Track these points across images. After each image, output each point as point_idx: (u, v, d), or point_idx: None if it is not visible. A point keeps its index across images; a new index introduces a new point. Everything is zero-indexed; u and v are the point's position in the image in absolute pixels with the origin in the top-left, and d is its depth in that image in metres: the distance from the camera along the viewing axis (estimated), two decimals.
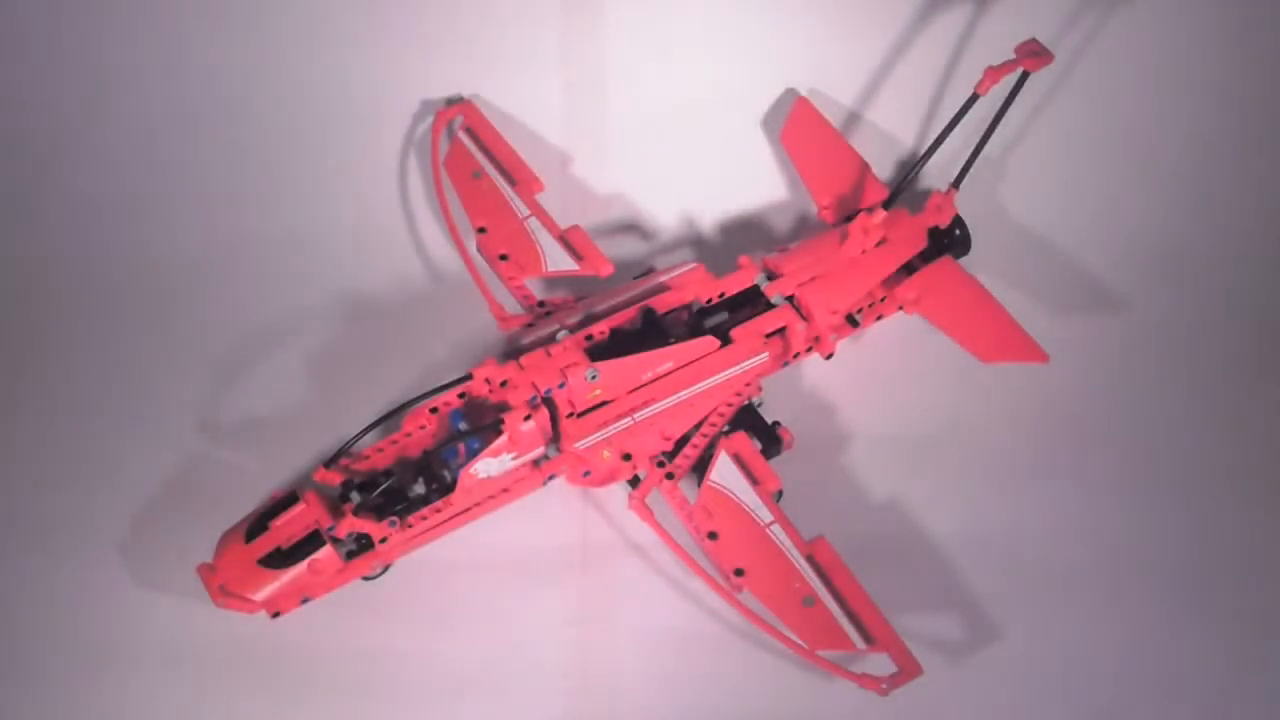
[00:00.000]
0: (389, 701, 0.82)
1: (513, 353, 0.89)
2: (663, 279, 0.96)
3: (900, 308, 1.01)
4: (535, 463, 0.88)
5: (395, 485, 0.84)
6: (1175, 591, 0.89)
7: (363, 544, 0.85)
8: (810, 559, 0.83)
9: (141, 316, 1.02)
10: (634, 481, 0.89)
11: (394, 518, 0.83)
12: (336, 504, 0.84)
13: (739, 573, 0.83)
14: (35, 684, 0.82)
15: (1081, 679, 0.85)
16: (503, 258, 0.98)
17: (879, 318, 1.02)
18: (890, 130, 1.10)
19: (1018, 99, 0.92)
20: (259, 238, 1.06)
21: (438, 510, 0.85)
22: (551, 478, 0.90)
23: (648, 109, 1.07)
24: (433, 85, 1.06)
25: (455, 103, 1.06)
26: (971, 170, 0.98)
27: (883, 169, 1.09)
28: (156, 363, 0.99)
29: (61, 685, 0.82)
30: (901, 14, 1.04)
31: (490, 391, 0.88)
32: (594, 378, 0.87)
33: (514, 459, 0.86)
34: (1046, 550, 0.91)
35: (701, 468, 0.88)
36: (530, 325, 0.94)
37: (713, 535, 0.84)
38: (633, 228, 1.10)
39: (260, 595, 0.81)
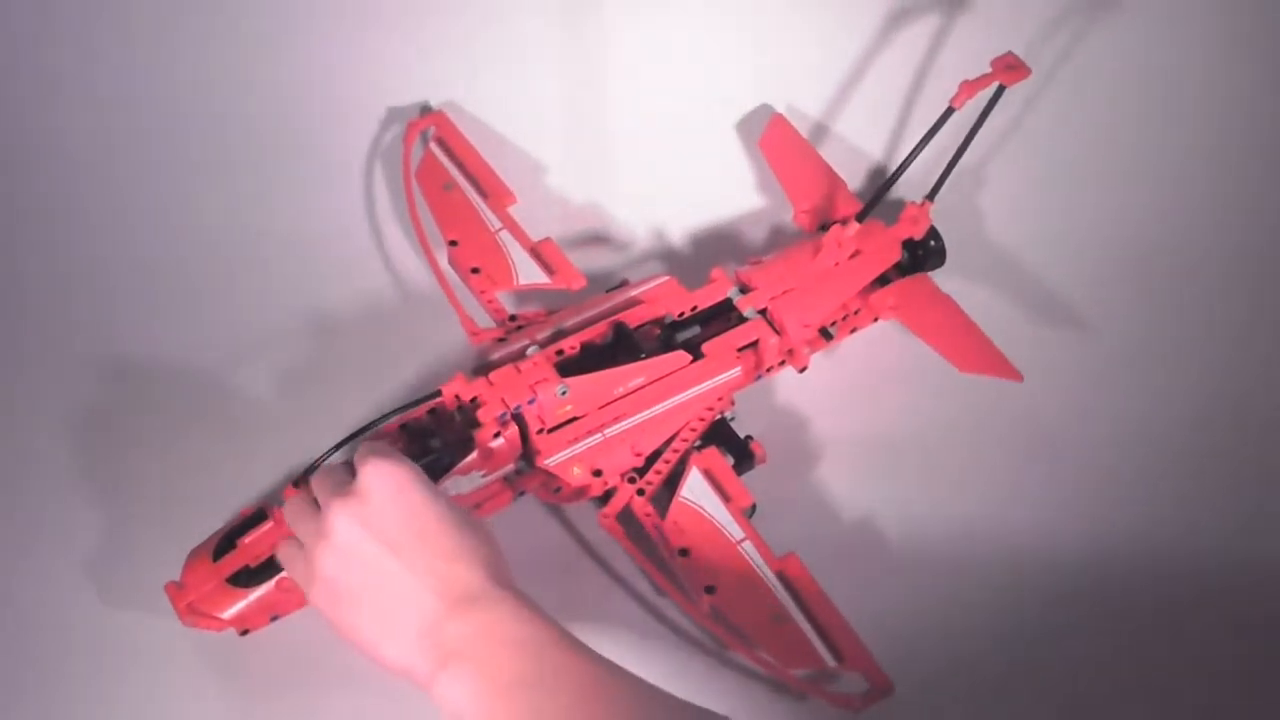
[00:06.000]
0: (386, 697, 0.81)
1: (482, 368, 0.89)
2: (634, 292, 0.96)
3: (876, 318, 1.01)
4: (506, 479, 0.88)
5: None
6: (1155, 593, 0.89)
7: None
8: (781, 575, 0.83)
9: (97, 333, 1.00)
10: (605, 497, 0.88)
11: None
12: None
13: (709, 590, 0.82)
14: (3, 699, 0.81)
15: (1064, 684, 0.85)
16: (474, 271, 0.97)
17: (853, 330, 1.02)
18: (865, 142, 1.10)
19: (993, 111, 0.91)
20: (227, 250, 1.05)
21: None
22: (522, 494, 0.90)
23: (620, 121, 1.07)
24: (401, 95, 1.05)
25: (427, 113, 1.06)
26: (947, 182, 0.97)
27: (858, 181, 1.09)
28: (118, 380, 0.97)
29: (30, 701, 0.81)
30: (878, 27, 1.04)
31: (460, 408, 0.87)
32: (564, 393, 0.86)
33: (484, 476, 0.85)
34: (1018, 564, 0.90)
35: (673, 483, 0.87)
36: (501, 339, 0.93)
37: (683, 552, 0.84)
38: (605, 239, 1.09)
39: (228, 614, 0.80)
